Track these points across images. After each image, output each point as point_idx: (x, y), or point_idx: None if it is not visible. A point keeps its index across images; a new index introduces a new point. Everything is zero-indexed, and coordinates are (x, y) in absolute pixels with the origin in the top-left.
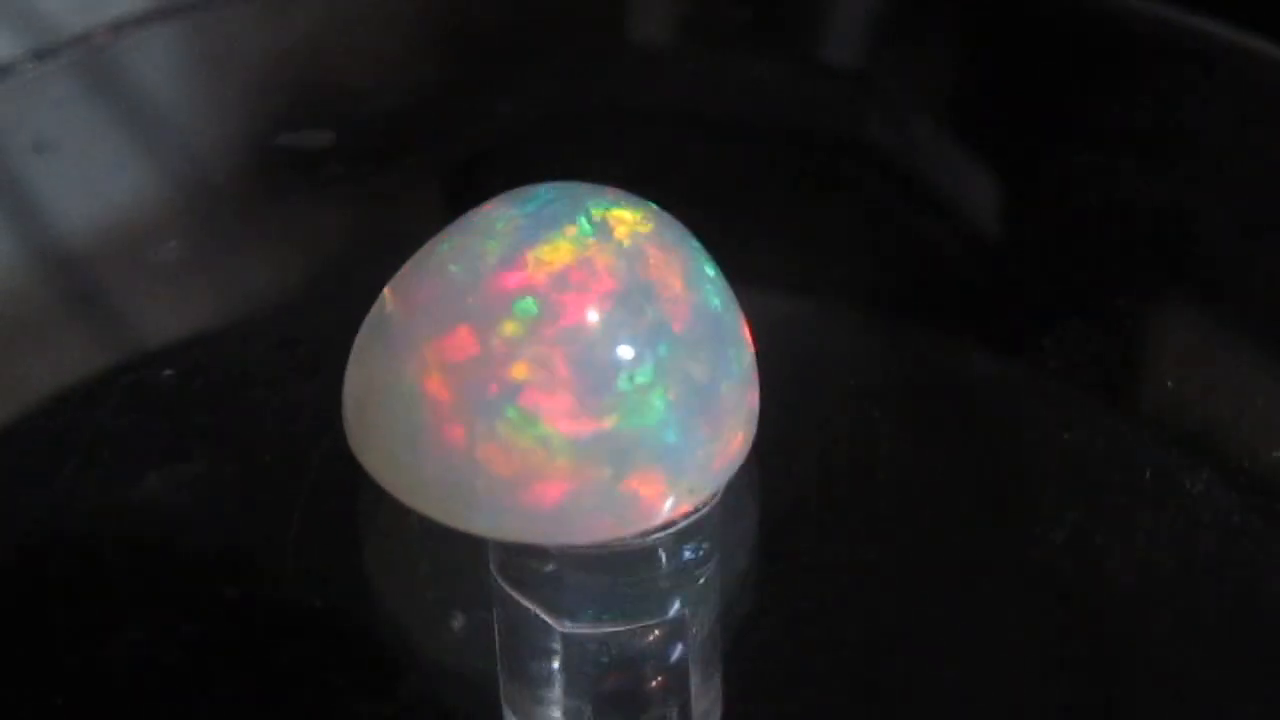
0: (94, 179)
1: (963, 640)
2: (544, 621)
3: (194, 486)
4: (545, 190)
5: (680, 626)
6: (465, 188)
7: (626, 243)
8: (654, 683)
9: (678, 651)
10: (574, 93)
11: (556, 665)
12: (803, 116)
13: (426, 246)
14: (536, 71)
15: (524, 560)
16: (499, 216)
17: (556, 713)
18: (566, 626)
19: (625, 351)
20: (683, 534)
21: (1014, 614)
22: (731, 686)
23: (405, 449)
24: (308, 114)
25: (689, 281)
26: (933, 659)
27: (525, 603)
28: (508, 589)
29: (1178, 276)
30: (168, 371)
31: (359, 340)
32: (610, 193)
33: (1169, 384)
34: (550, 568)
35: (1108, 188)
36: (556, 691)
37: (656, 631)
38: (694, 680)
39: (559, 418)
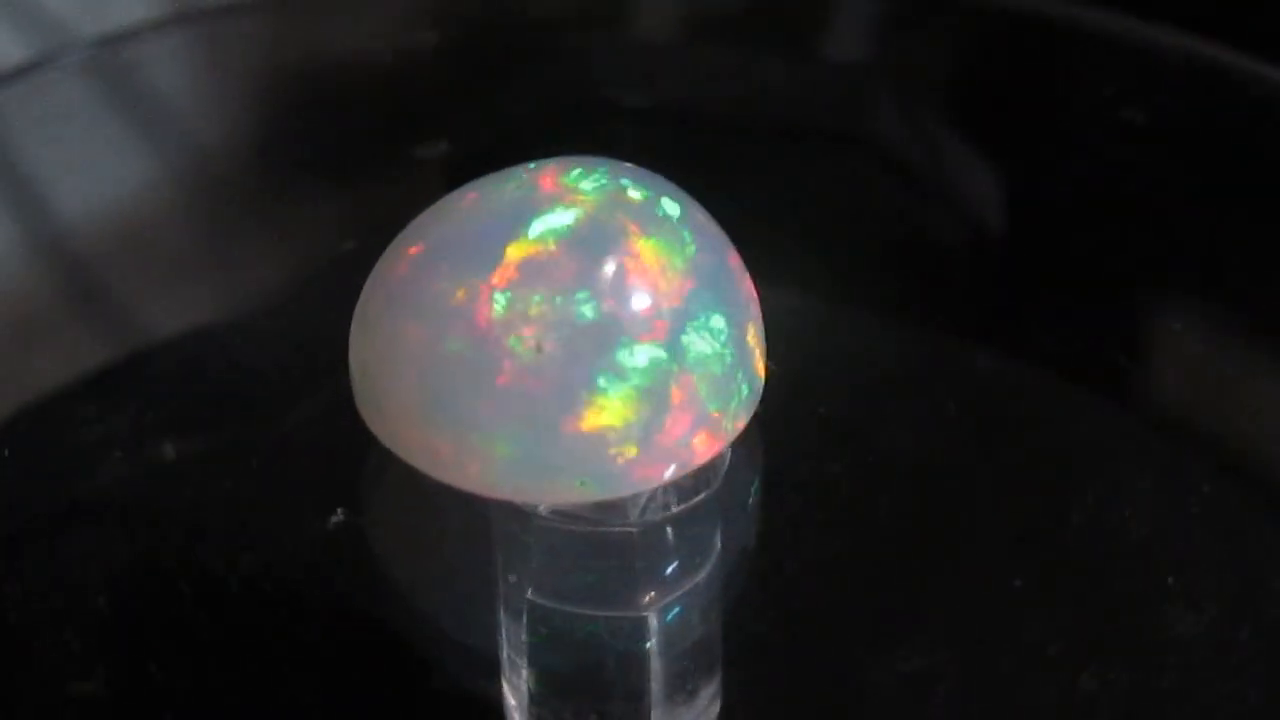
0: (101, 177)
1: (966, 639)
2: (515, 587)
3: (202, 468)
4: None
5: (643, 627)
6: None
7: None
8: (606, 675)
9: (637, 650)
10: (576, 90)
11: (523, 634)
12: (808, 111)
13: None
14: (538, 68)
15: (514, 524)
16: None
17: (520, 680)
18: (531, 595)
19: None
20: (678, 528)
21: (1017, 613)
22: (725, 691)
23: (394, 397)
24: (310, 113)
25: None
26: (937, 659)
27: (504, 566)
28: (495, 551)
29: (1186, 275)
30: (172, 363)
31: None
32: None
33: (1175, 381)
34: (530, 538)
35: (1116, 183)
36: (522, 658)
37: (618, 625)
38: (655, 684)
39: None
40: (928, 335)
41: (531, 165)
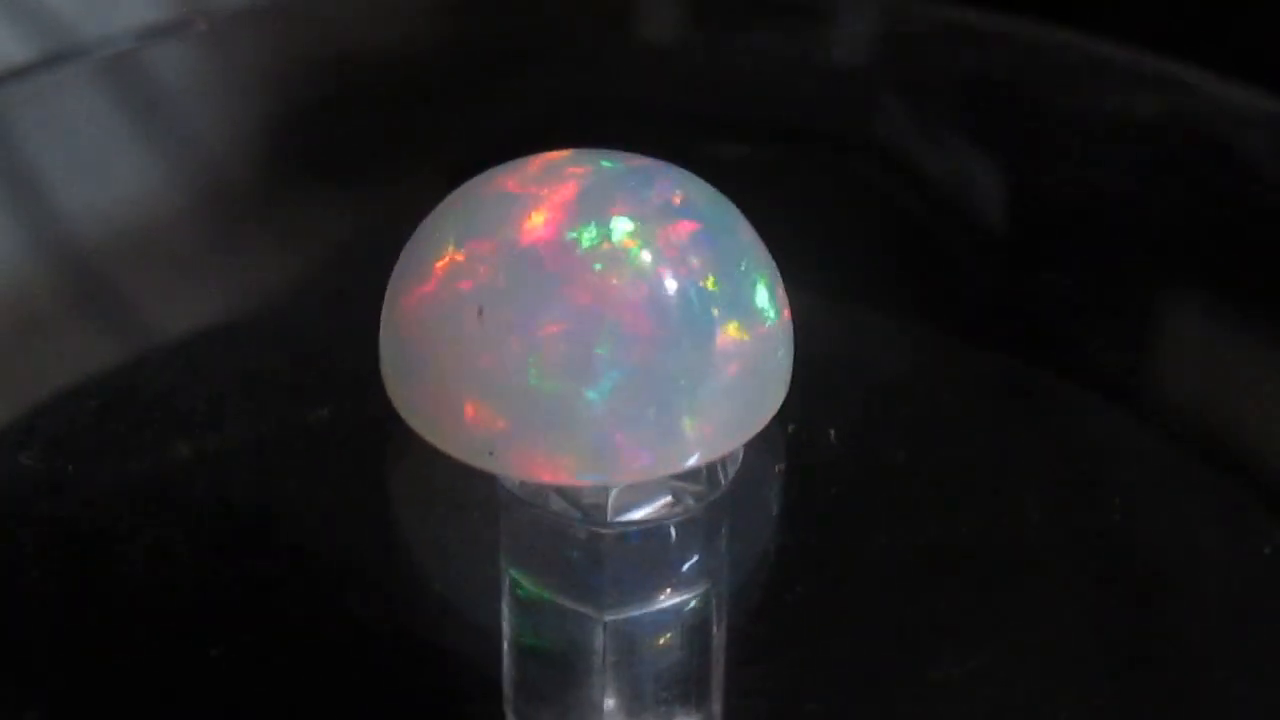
0: (107, 178)
1: (973, 639)
2: (504, 566)
3: (210, 467)
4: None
5: (595, 628)
6: None
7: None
8: (568, 669)
9: (589, 651)
10: (578, 90)
11: (505, 607)
12: (812, 114)
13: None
14: (541, 68)
15: (510, 505)
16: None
17: (506, 649)
18: (515, 576)
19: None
20: (663, 534)
21: (1025, 614)
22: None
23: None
24: (313, 114)
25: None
26: (943, 660)
27: (502, 545)
28: (499, 527)
29: (1191, 274)
30: (179, 363)
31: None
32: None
33: (1183, 382)
34: (522, 521)
35: (1120, 184)
36: (508, 630)
37: (579, 621)
38: (608, 690)
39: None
40: (934, 336)
41: (584, 156)
